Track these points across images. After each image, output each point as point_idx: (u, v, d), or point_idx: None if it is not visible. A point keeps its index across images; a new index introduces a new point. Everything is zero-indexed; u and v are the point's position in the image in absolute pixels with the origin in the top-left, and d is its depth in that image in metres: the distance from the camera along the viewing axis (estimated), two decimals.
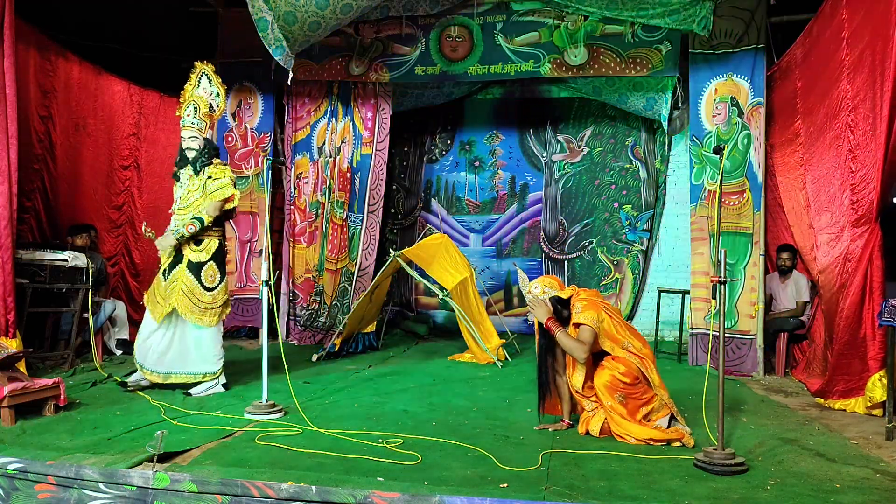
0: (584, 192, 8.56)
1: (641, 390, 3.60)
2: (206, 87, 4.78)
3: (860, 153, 4.40)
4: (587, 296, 3.80)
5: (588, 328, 3.60)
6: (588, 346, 3.61)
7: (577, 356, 3.64)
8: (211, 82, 4.79)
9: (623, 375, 3.55)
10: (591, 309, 3.65)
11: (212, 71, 4.83)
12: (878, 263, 4.21)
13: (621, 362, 3.59)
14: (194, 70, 4.81)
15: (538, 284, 3.85)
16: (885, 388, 4.18)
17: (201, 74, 4.81)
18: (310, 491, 2.64)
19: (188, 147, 4.67)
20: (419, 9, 6.88)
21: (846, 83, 4.59)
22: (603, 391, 3.59)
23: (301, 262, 7.55)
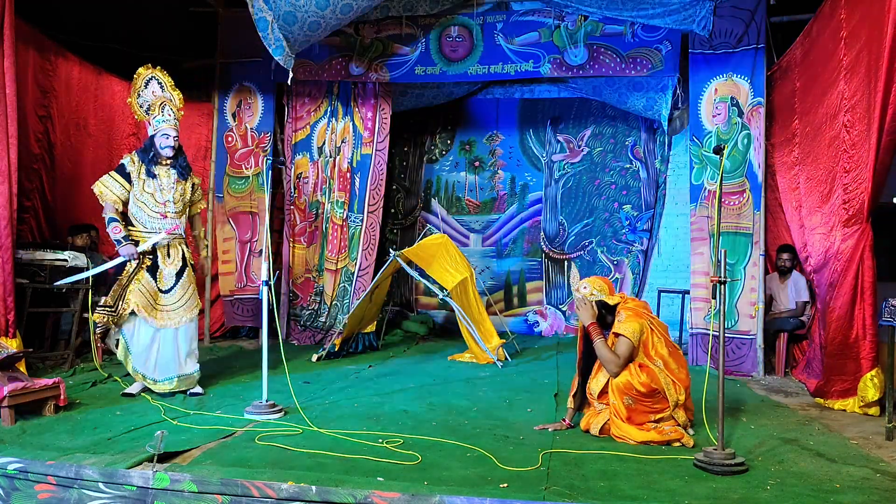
0: (584, 192, 8.56)
1: (654, 401, 3.56)
2: (157, 91, 4.70)
3: (855, 153, 4.41)
4: (634, 305, 3.73)
5: (627, 341, 3.55)
6: (624, 360, 3.56)
7: (610, 369, 3.59)
8: (164, 88, 4.72)
9: (640, 385, 3.51)
10: (635, 320, 3.59)
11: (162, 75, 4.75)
12: (868, 263, 4.21)
13: (646, 372, 3.54)
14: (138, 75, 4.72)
15: (588, 285, 3.77)
16: (876, 387, 4.19)
17: (149, 78, 4.71)
18: (310, 491, 2.64)
19: (168, 146, 4.59)
20: (419, 9, 6.88)
21: (843, 83, 4.59)
22: (614, 390, 3.58)
23: (301, 262, 7.55)
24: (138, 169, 4.59)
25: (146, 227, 4.57)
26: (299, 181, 7.57)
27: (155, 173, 4.59)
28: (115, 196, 4.53)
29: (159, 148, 4.60)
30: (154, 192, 4.58)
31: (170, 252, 4.65)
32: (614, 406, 3.58)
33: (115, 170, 4.63)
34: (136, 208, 4.57)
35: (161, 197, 4.59)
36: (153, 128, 4.65)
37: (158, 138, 4.60)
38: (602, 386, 3.70)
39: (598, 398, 3.73)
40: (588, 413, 3.80)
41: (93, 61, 6.42)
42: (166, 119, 4.62)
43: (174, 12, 7.22)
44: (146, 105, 4.71)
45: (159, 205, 4.58)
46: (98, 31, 6.85)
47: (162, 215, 4.59)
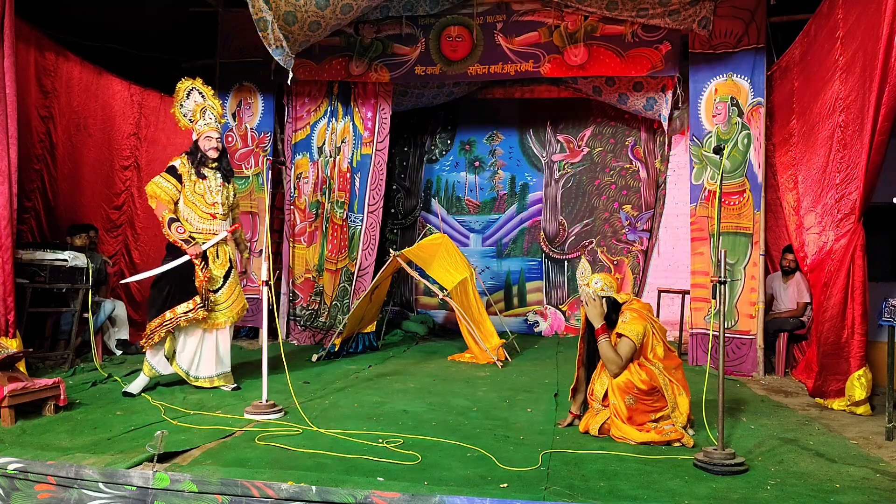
0: (584, 192, 8.56)
1: (654, 399, 3.58)
2: (198, 100, 4.79)
3: (848, 153, 4.41)
4: (639, 307, 3.74)
5: (629, 342, 3.57)
6: (625, 361, 3.58)
7: (611, 369, 3.61)
8: (205, 97, 4.80)
9: (641, 382, 3.54)
10: (639, 322, 3.61)
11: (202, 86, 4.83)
12: (860, 263, 4.21)
13: (645, 370, 3.57)
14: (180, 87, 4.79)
15: (599, 280, 3.77)
16: (863, 387, 4.21)
17: (190, 90, 4.79)
18: (310, 491, 2.64)
19: (211, 147, 4.71)
20: (419, 9, 6.88)
21: (839, 83, 4.60)
22: (615, 390, 3.58)
23: (301, 262, 7.55)
24: (189, 170, 4.70)
25: (197, 227, 4.67)
26: (299, 181, 7.57)
27: (204, 174, 4.72)
28: (168, 196, 4.63)
29: (204, 150, 4.72)
30: (204, 193, 4.70)
31: (218, 253, 4.76)
32: (615, 406, 3.58)
33: (165, 171, 4.71)
34: (188, 209, 4.68)
35: (210, 198, 4.72)
36: (196, 132, 4.78)
37: (202, 141, 4.73)
38: (605, 389, 3.70)
39: (601, 401, 3.72)
40: (587, 414, 3.81)
41: (93, 61, 6.42)
42: (208, 122, 4.75)
43: (174, 12, 7.23)
44: (189, 114, 4.82)
45: (209, 206, 4.71)
46: (98, 31, 6.86)
47: (212, 216, 4.72)
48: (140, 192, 7.08)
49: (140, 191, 7.08)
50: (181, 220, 4.65)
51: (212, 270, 4.69)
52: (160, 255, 7.13)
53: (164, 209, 4.61)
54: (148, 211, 7.11)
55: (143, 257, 7.08)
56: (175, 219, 4.60)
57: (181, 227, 4.59)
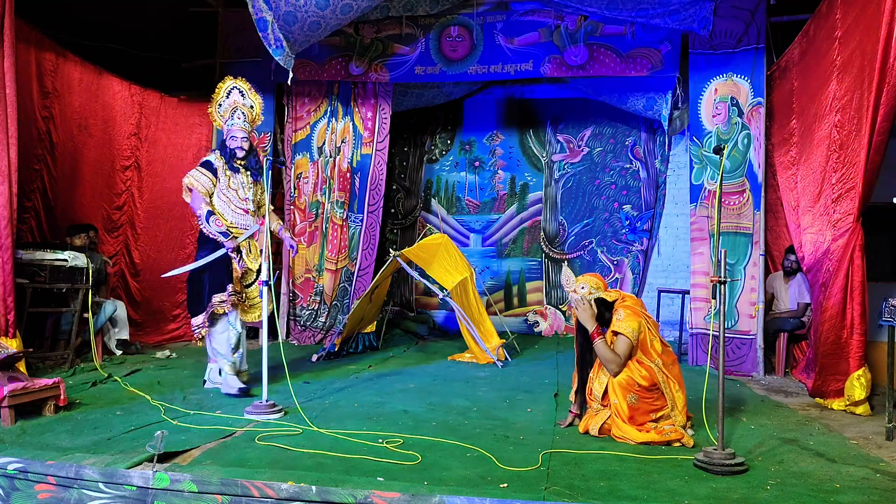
0: (584, 192, 8.56)
1: (654, 396, 3.58)
2: (237, 99, 4.81)
3: (845, 153, 4.41)
4: (632, 303, 3.74)
5: (626, 340, 3.58)
6: (624, 359, 3.59)
7: (610, 369, 3.61)
8: (244, 95, 4.82)
9: (642, 378, 3.54)
10: (634, 319, 3.61)
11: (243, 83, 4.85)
12: (858, 263, 4.21)
13: (644, 366, 3.58)
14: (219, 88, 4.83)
15: (585, 284, 3.78)
16: (863, 387, 4.21)
17: (231, 89, 4.81)
18: (310, 491, 2.64)
19: (237, 146, 4.74)
20: (419, 9, 6.88)
21: (836, 83, 4.60)
22: (616, 389, 3.58)
23: (301, 262, 7.55)
24: (223, 164, 4.74)
25: (231, 221, 4.70)
26: (299, 181, 7.57)
27: (237, 168, 4.77)
28: (204, 189, 4.66)
29: (231, 148, 4.76)
30: (238, 188, 4.75)
31: (251, 248, 4.79)
32: (616, 406, 3.58)
33: (200, 164, 4.75)
34: (223, 203, 4.71)
35: (243, 193, 4.77)
36: (225, 131, 4.82)
37: (229, 140, 4.78)
38: (605, 387, 3.69)
39: (600, 400, 3.72)
40: (586, 415, 3.80)
41: (93, 61, 6.42)
42: (235, 122, 4.77)
43: (174, 12, 7.23)
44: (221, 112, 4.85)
45: (242, 201, 4.76)
46: (98, 31, 6.86)
47: (245, 211, 4.77)
48: (141, 192, 7.07)
49: (141, 191, 7.06)
50: (217, 214, 4.67)
51: (246, 263, 4.72)
52: (160, 255, 7.22)
53: (202, 202, 4.64)
54: (149, 211, 7.12)
55: (144, 257, 7.08)
56: (212, 212, 4.64)
57: (219, 220, 4.62)
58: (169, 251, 7.37)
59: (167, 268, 7.27)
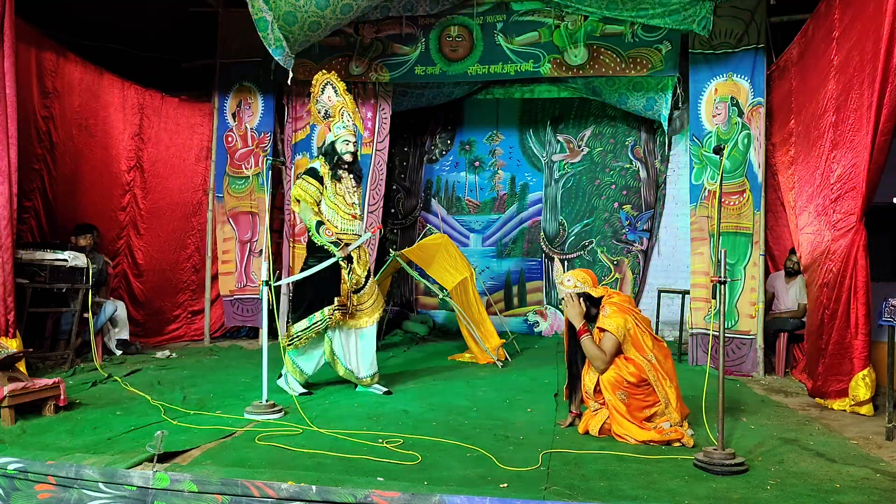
0: (584, 192, 8.56)
1: (645, 392, 3.59)
2: (332, 96, 4.76)
3: (843, 153, 4.41)
4: (619, 300, 3.75)
5: (612, 337, 3.58)
6: (610, 356, 3.59)
7: (597, 366, 3.62)
8: (337, 92, 4.77)
9: (629, 375, 3.55)
10: (619, 315, 3.62)
11: (336, 80, 4.79)
12: (862, 263, 4.21)
13: (632, 363, 3.58)
14: (315, 82, 4.78)
15: (571, 277, 3.80)
16: (868, 387, 4.21)
17: (325, 84, 4.77)
18: (310, 491, 2.64)
19: (348, 151, 4.69)
20: (419, 9, 6.88)
21: (833, 83, 4.60)
22: (607, 387, 3.59)
23: (301, 262, 7.53)
24: (328, 172, 4.68)
25: (339, 227, 4.65)
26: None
27: (341, 176, 4.70)
28: (311, 199, 4.63)
29: (341, 153, 4.69)
30: (344, 194, 4.70)
31: (360, 254, 4.75)
32: (612, 403, 3.59)
33: (305, 172, 4.70)
34: (330, 210, 4.66)
35: (349, 199, 4.72)
36: (333, 134, 4.75)
37: (339, 144, 4.70)
38: (596, 381, 3.71)
39: (594, 396, 3.73)
40: (585, 415, 3.81)
41: (93, 61, 6.42)
42: (346, 125, 4.72)
43: (174, 12, 7.22)
44: (324, 110, 4.80)
45: (349, 206, 4.71)
46: (98, 31, 6.86)
47: (353, 216, 4.72)
48: (144, 193, 7.05)
49: (144, 191, 7.05)
50: (326, 222, 4.63)
51: (356, 271, 4.68)
52: (163, 255, 7.23)
53: (310, 212, 4.60)
54: (152, 212, 7.10)
55: (147, 258, 7.07)
56: (322, 222, 4.60)
57: (328, 229, 4.58)
58: (172, 251, 7.37)
59: (170, 267, 7.34)
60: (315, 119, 4.87)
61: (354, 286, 4.67)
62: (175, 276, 7.41)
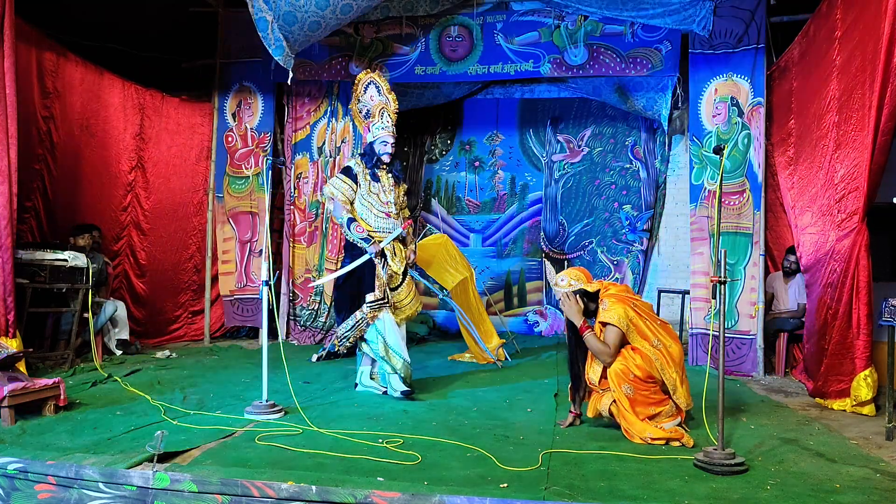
0: (584, 192, 8.56)
1: (651, 390, 3.59)
2: (374, 95, 4.76)
3: (845, 153, 4.40)
4: (616, 291, 3.76)
5: (615, 329, 3.59)
6: (615, 348, 3.60)
7: (603, 360, 3.63)
8: (380, 91, 4.77)
9: (636, 367, 3.55)
10: (619, 305, 3.62)
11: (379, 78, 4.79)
12: (864, 263, 4.21)
13: (639, 353, 3.58)
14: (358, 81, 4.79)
15: (565, 277, 3.81)
16: (870, 387, 4.20)
17: (368, 83, 4.78)
18: (310, 491, 2.64)
19: (386, 152, 4.71)
20: (419, 9, 6.88)
21: (836, 83, 4.60)
22: (613, 379, 3.60)
23: (301, 262, 7.55)
24: (363, 171, 4.70)
25: (373, 226, 4.68)
26: (299, 181, 7.57)
27: (378, 176, 4.72)
28: (344, 197, 4.66)
29: (379, 154, 4.71)
30: (378, 192, 4.70)
31: (395, 251, 4.74)
32: (617, 396, 3.60)
33: (341, 171, 4.75)
34: (364, 208, 4.69)
35: (384, 198, 4.71)
36: (372, 134, 4.76)
37: (378, 145, 4.72)
38: (600, 373, 3.73)
39: (599, 385, 3.76)
40: (592, 399, 3.82)
41: (93, 61, 6.41)
42: (385, 126, 4.73)
43: (174, 12, 7.22)
44: (365, 110, 4.81)
45: (384, 205, 4.71)
46: (98, 31, 6.86)
47: (387, 214, 4.71)
48: (146, 193, 7.04)
49: (146, 191, 7.04)
50: (357, 218, 4.66)
51: (391, 267, 4.68)
52: (166, 255, 7.23)
53: (342, 210, 4.64)
54: (154, 212, 7.10)
55: (150, 258, 7.06)
56: (352, 219, 4.63)
57: (360, 226, 4.61)
58: (174, 251, 7.36)
59: (171, 268, 7.34)
60: (356, 119, 4.88)
61: (390, 282, 4.66)
62: (177, 276, 7.40)
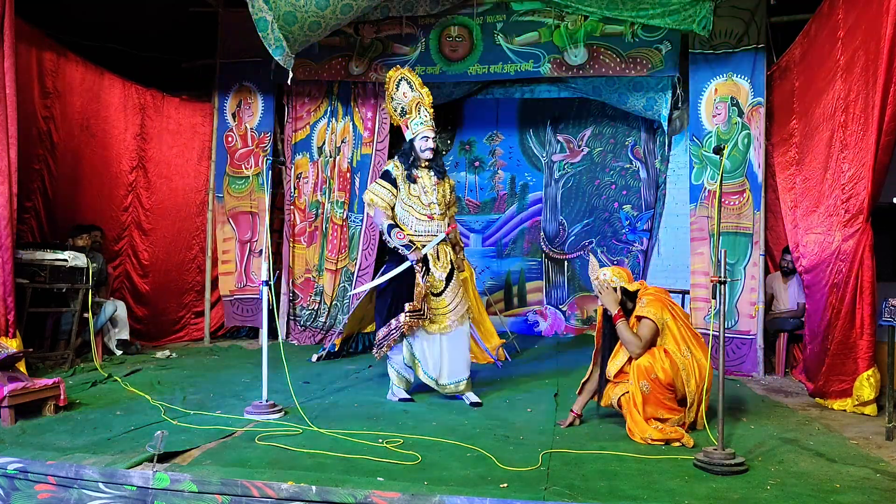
0: (584, 192, 8.56)
1: (667, 397, 3.60)
2: (407, 92, 4.64)
3: (851, 153, 4.40)
4: (655, 291, 3.79)
5: (650, 323, 3.61)
6: (646, 342, 3.62)
7: (632, 350, 3.64)
8: (413, 87, 4.63)
9: (661, 370, 3.56)
10: (657, 305, 3.66)
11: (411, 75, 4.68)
12: (868, 263, 4.21)
13: (669, 358, 3.59)
14: (389, 79, 4.69)
15: (608, 272, 3.85)
16: (872, 387, 4.20)
17: (399, 80, 4.66)
18: (310, 491, 2.64)
19: (428, 147, 4.52)
20: (419, 9, 6.88)
21: (840, 83, 4.59)
22: (635, 371, 3.61)
23: (301, 262, 7.55)
24: (402, 173, 4.55)
25: (415, 230, 4.53)
26: (299, 181, 7.57)
27: (416, 177, 4.54)
28: (384, 203, 4.52)
29: (419, 151, 4.54)
30: (419, 194, 4.54)
31: (439, 255, 4.57)
32: (632, 391, 3.61)
33: (380, 176, 4.62)
34: (404, 212, 4.54)
35: (426, 199, 4.54)
36: (412, 131, 4.60)
37: (418, 141, 4.54)
38: (619, 367, 3.74)
39: (613, 379, 3.78)
40: (607, 389, 3.84)
41: (93, 61, 6.41)
42: (424, 121, 4.56)
43: (174, 12, 7.22)
44: (400, 108, 4.69)
45: (425, 206, 4.53)
46: (98, 31, 6.85)
47: (429, 217, 4.53)
48: (147, 193, 7.04)
49: (147, 191, 7.04)
50: (399, 222, 4.53)
51: (433, 275, 4.50)
52: (169, 256, 7.23)
53: (383, 216, 4.50)
54: (156, 212, 7.09)
55: (153, 258, 7.06)
56: (394, 225, 4.48)
57: (401, 232, 4.46)
58: (178, 252, 7.36)
59: (175, 268, 7.34)
60: (392, 118, 4.76)
61: (431, 289, 4.49)
62: (180, 276, 7.40)
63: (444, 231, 4.56)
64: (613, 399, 3.75)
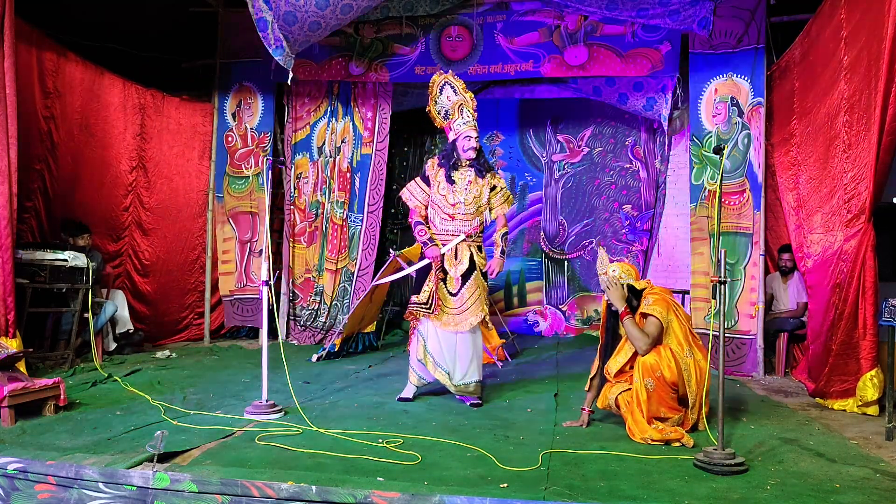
0: (584, 192, 8.56)
1: (669, 395, 3.61)
2: (451, 96, 4.66)
3: (854, 153, 4.40)
4: (660, 291, 3.80)
5: (655, 320, 3.62)
6: (653, 338, 3.62)
7: (639, 346, 3.64)
8: (456, 92, 4.65)
9: (667, 368, 3.57)
10: (663, 304, 3.67)
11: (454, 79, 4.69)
12: (870, 264, 4.21)
13: (676, 360, 3.60)
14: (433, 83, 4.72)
15: (617, 268, 3.85)
16: (875, 387, 4.20)
17: (443, 84, 4.69)
18: (310, 491, 2.64)
19: (470, 147, 4.51)
20: (419, 9, 6.88)
21: (844, 83, 4.59)
22: (640, 368, 3.61)
23: (301, 262, 7.55)
24: (437, 172, 4.60)
25: (437, 228, 4.58)
26: (299, 181, 7.57)
27: (453, 178, 4.53)
28: (417, 201, 4.63)
29: (462, 151, 4.53)
30: (447, 194, 4.53)
31: (457, 254, 4.56)
32: (636, 388, 3.61)
33: (419, 176, 4.69)
34: (432, 211, 4.61)
35: (452, 198, 4.52)
36: (454, 132, 4.60)
37: (461, 141, 4.53)
38: (620, 366, 3.75)
39: (613, 378, 3.78)
40: (604, 388, 3.84)
41: (93, 61, 6.41)
42: (466, 121, 4.57)
43: (174, 12, 7.22)
44: (444, 111, 4.72)
45: (449, 206, 4.53)
46: (98, 31, 6.85)
47: (450, 216, 4.53)
48: (148, 192, 7.03)
49: (147, 191, 7.03)
50: (427, 222, 4.61)
51: (449, 273, 4.52)
52: (171, 256, 7.24)
53: (416, 214, 4.62)
54: (157, 211, 7.09)
55: (155, 259, 7.05)
56: (420, 222, 4.57)
57: (423, 230, 4.54)
58: (180, 252, 7.36)
59: (177, 268, 7.35)
60: (436, 121, 4.77)
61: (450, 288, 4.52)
62: (183, 276, 7.40)
63: (466, 231, 4.57)
64: (611, 399, 3.75)
